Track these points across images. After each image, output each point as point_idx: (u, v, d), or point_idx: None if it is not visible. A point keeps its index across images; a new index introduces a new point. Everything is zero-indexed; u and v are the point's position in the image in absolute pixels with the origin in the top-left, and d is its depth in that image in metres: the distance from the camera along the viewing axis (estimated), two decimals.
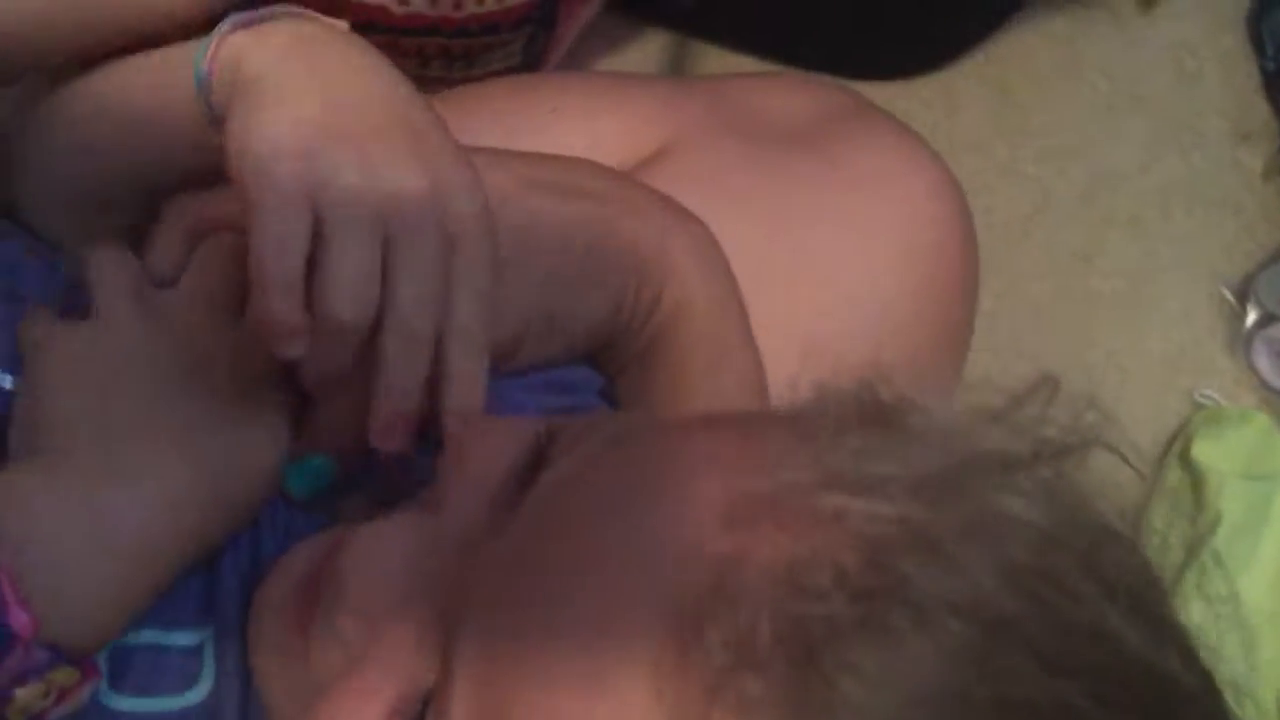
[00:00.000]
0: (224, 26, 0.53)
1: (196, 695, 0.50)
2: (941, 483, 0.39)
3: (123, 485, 0.48)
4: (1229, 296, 1.10)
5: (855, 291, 0.70)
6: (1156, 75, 1.16)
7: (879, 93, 1.04)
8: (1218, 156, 1.14)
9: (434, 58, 0.81)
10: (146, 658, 0.50)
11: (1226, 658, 0.40)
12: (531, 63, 0.85)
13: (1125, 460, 0.42)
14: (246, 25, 0.53)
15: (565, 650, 0.39)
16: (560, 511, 0.42)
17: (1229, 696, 0.40)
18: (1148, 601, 0.39)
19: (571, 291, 0.57)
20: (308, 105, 0.50)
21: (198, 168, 0.56)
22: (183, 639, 0.51)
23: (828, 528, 0.38)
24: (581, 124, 0.75)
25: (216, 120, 0.53)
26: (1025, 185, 1.11)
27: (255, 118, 0.50)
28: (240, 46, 0.53)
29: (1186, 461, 1.03)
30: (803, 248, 0.70)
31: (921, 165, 0.73)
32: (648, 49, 1.07)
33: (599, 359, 0.60)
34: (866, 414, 0.42)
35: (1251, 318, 1.09)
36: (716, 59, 1.07)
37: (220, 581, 0.52)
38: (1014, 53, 1.13)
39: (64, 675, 0.45)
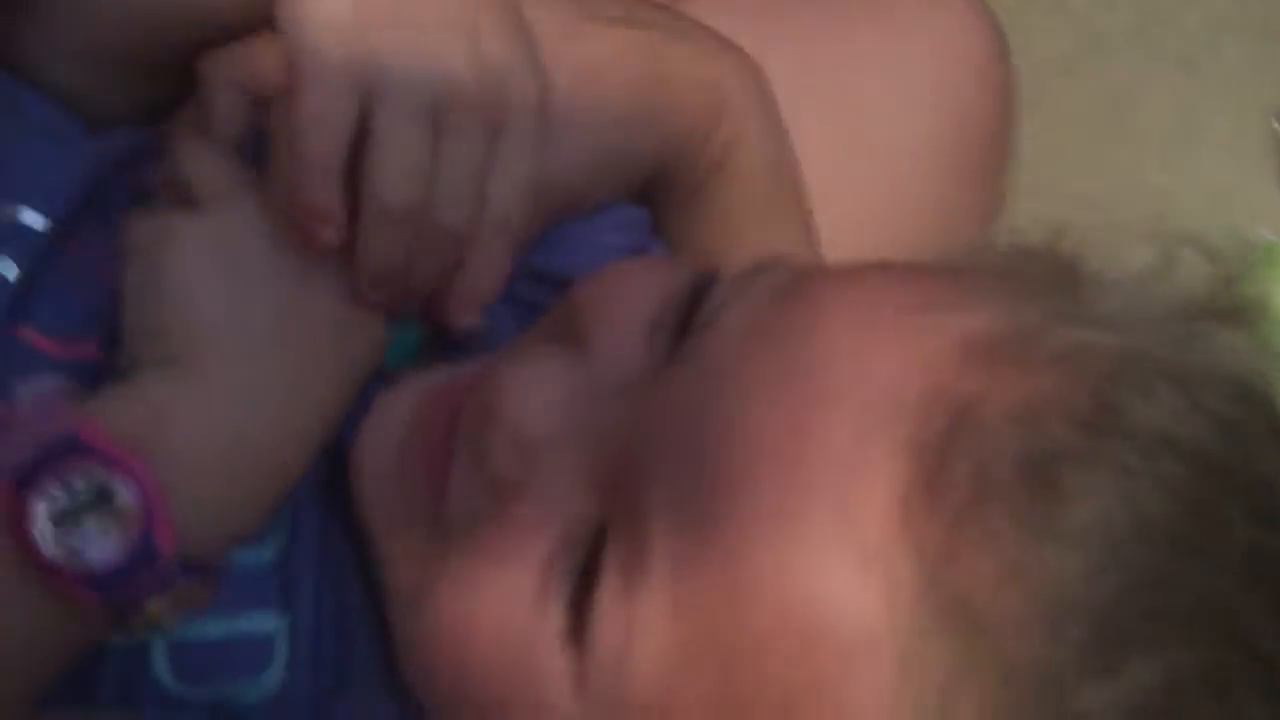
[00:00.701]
0: None
1: (268, 553, 0.50)
2: (1155, 324, 0.41)
3: (265, 401, 0.47)
4: None
5: (885, 131, 0.69)
6: None
7: None
8: None
9: None
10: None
11: None
12: None
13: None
14: None
15: (788, 489, 0.40)
16: (762, 352, 0.42)
17: None
18: None
19: (636, 127, 0.56)
20: None
21: (244, 19, 0.53)
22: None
23: (1059, 366, 0.40)
24: None
25: None
26: (1069, 20, 1.07)
27: None
28: None
29: None
30: (834, 87, 0.69)
31: (958, 6, 0.72)
32: None
33: (650, 194, 0.59)
34: (1060, 266, 0.44)
35: None
36: None
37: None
38: None
39: (191, 590, 0.45)
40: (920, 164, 0.69)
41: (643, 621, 0.40)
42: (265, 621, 0.49)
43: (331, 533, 0.50)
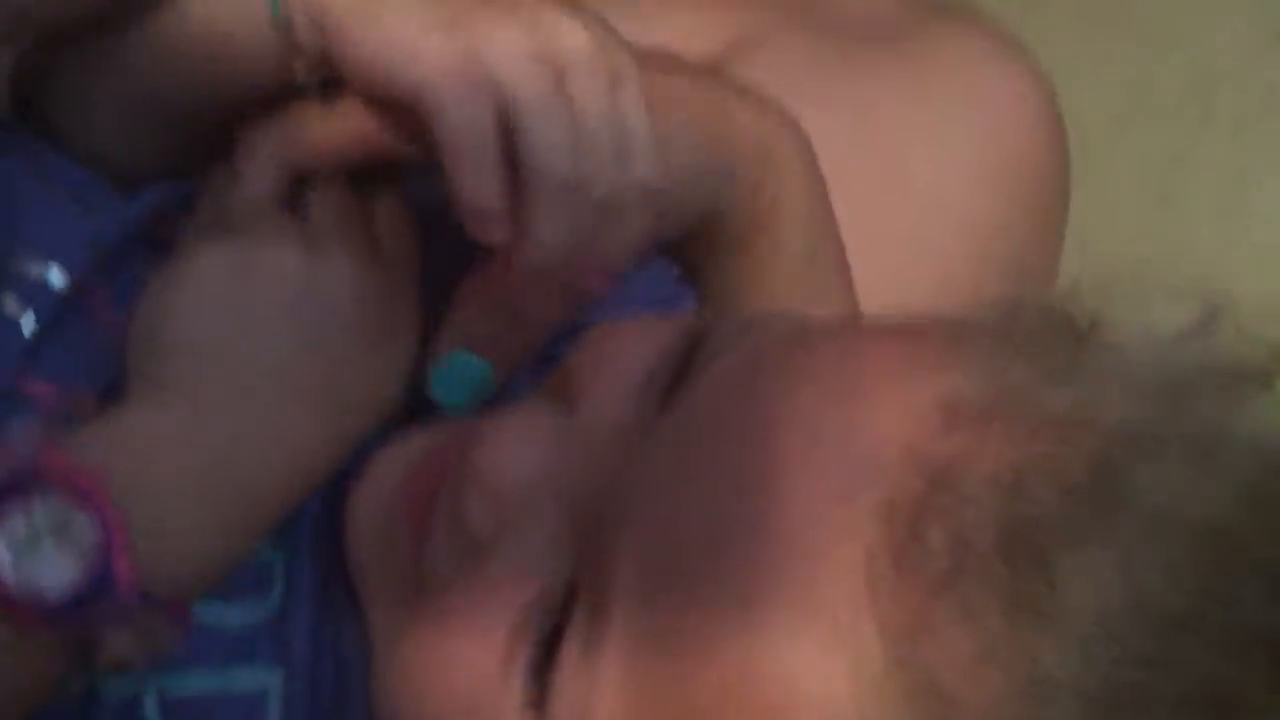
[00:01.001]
0: None
1: (264, 607, 0.48)
2: (1168, 388, 0.38)
3: (247, 435, 0.46)
4: None
5: (936, 194, 0.69)
6: None
7: None
8: None
9: None
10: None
11: None
12: None
13: None
14: None
15: (756, 554, 0.37)
16: (737, 411, 0.40)
17: None
18: None
19: (688, 171, 0.55)
20: None
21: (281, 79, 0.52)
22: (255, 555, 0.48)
23: (1051, 430, 0.37)
24: (657, 16, 0.72)
25: (298, 47, 0.50)
26: (1118, 82, 1.06)
27: (371, 22, 0.46)
28: None
29: None
30: (883, 149, 0.69)
31: (1009, 65, 0.72)
32: None
33: (686, 246, 0.57)
34: (1067, 325, 0.41)
35: None
36: None
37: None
38: None
39: (157, 627, 0.44)
40: (971, 225, 0.68)
41: (599, 694, 0.38)
42: (259, 677, 0.47)
43: (330, 583, 0.49)
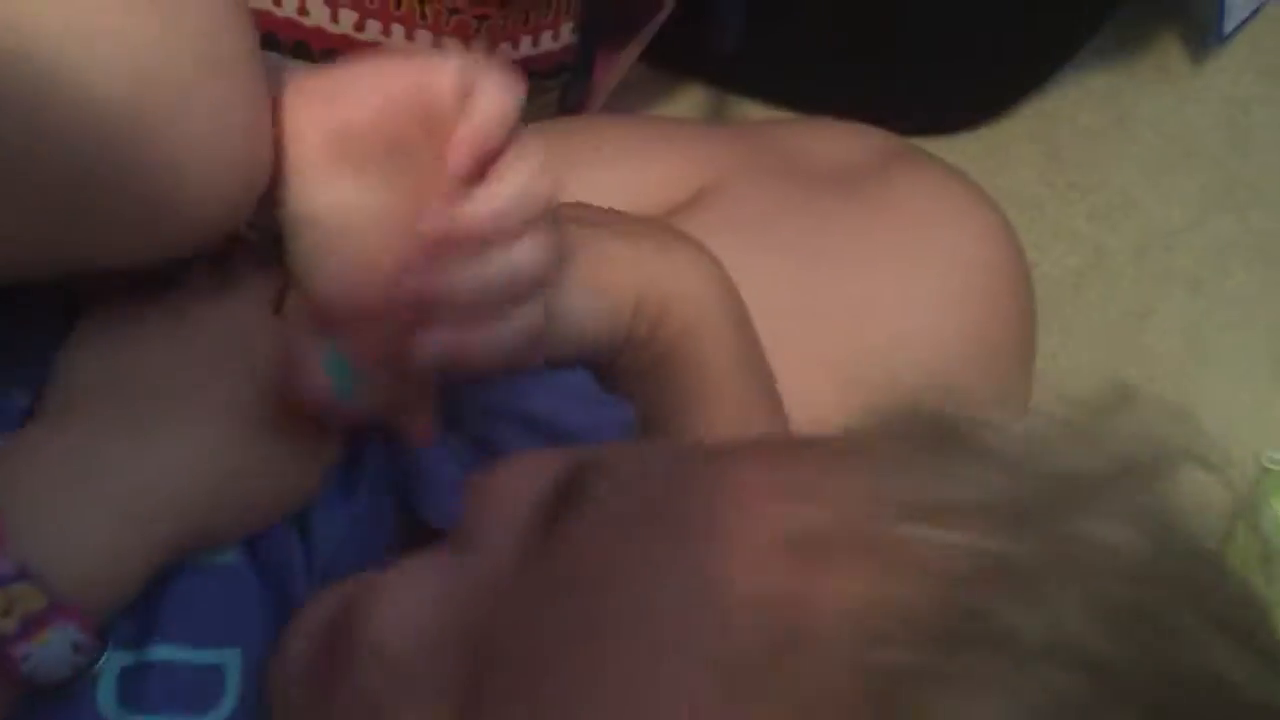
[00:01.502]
0: None
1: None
2: (1022, 507, 0.35)
3: (129, 439, 0.46)
4: None
5: (902, 334, 0.68)
6: (1209, 132, 1.13)
7: (923, 148, 1.02)
8: (1275, 213, 1.11)
9: None
10: (161, 675, 0.46)
11: None
12: (569, 114, 0.83)
13: (1219, 473, 0.37)
14: None
15: (602, 698, 0.35)
16: (595, 552, 0.39)
17: None
18: (1256, 632, 0.35)
19: (566, 292, 0.54)
20: None
21: None
22: (200, 657, 0.47)
23: (899, 564, 0.34)
24: (624, 164, 0.74)
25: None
26: (1076, 242, 1.08)
27: None
28: None
29: (1255, 530, 0.98)
30: (848, 290, 0.69)
31: (971, 208, 0.73)
32: (685, 102, 1.05)
33: (606, 373, 0.57)
34: (931, 433, 0.38)
35: None
36: (755, 112, 1.05)
37: (242, 593, 0.48)
38: (1061, 108, 1.11)
39: (28, 596, 0.42)
40: (937, 365, 0.68)
41: None
42: None
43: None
